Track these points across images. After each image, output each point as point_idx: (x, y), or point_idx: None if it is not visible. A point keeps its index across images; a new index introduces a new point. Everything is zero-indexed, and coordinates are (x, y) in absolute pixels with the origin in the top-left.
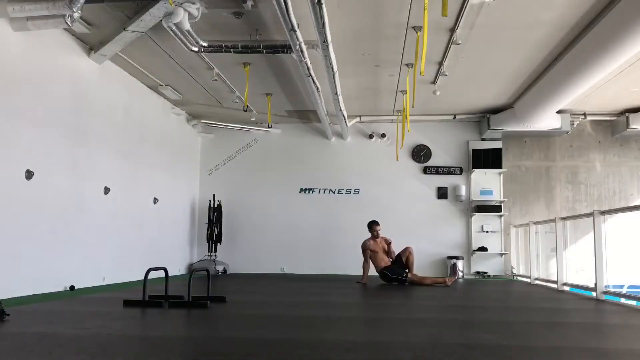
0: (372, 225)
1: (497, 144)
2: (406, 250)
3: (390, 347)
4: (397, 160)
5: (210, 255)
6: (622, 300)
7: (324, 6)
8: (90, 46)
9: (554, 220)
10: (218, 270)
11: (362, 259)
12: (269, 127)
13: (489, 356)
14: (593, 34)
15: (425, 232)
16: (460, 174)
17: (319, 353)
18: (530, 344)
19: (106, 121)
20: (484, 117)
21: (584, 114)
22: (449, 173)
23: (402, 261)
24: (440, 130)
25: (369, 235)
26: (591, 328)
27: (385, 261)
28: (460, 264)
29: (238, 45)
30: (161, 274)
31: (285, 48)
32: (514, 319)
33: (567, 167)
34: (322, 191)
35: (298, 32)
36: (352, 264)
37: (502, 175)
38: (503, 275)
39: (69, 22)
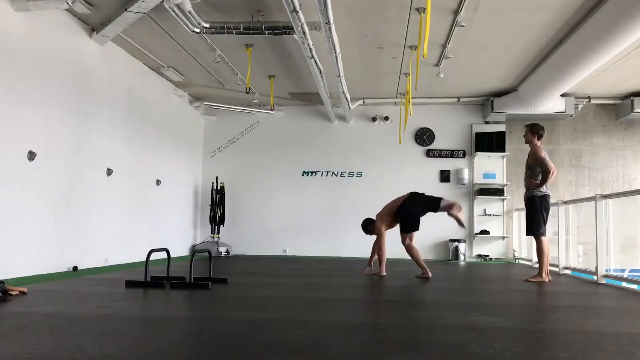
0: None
1: (500, 127)
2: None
3: (389, 328)
4: (400, 143)
5: (213, 237)
6: (623, 284)
7: None
8: (92, 27)
9: (556, 204)
10: (221, 252)
11: (363, 240)
12: (271, 110)
13: (486, 338)
14: (598, 17)
15: (428, 215)
16: (463, 157)
17: (318, 333)
18: (528, 327)
19: (108, 102)
20: (487, 100)
21: (589, 98)
22: (452, 156)
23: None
24: (444, 113)
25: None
26: (589, 311)
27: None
28: (462, 247)
29: (240, 27)
30: (165, 255)
31: (288, 29)
32: (513, 301)
33: (571, 150)
34: (324, 174)
35: (300, 14)
36: (353, 246)
37: (505, 158)
38: (505, 258)
39: (69, 2)
